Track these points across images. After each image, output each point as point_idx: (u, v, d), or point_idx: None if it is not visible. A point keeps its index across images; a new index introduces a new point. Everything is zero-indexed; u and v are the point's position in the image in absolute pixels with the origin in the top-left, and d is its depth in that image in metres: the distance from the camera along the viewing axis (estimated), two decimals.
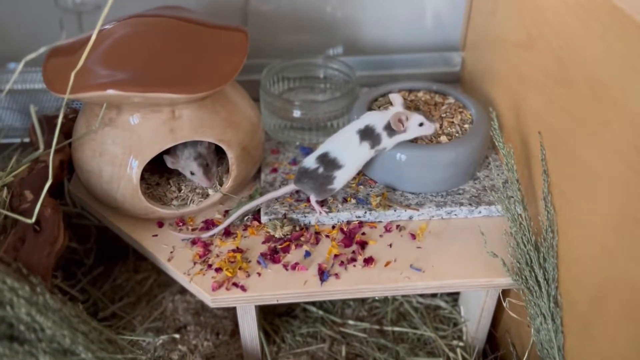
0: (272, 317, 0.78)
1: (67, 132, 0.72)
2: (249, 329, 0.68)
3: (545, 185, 0.61)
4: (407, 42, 0.95)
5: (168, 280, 0.83)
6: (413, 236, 0.66)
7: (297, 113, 0.76)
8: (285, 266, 0.62)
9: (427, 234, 0.66)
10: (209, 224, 0.67)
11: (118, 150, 0.62)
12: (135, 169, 0.62)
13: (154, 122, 0.61)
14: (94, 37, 0.51)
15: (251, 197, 0.70)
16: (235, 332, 0.76)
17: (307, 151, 0.76)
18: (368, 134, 0.64)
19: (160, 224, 0.68)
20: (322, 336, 0.76)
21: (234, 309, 0.78)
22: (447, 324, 0.78)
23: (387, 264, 0.63)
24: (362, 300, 0.82)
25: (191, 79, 0.59)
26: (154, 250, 0.65)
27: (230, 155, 0.66)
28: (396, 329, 0.77)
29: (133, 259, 0.87)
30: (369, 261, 0.62)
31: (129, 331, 0.75)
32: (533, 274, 0.60)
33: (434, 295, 0.81)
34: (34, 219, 0.54)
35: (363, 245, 0.65)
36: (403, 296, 0.81)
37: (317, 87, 0.85)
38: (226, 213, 0.69)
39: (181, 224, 0.68)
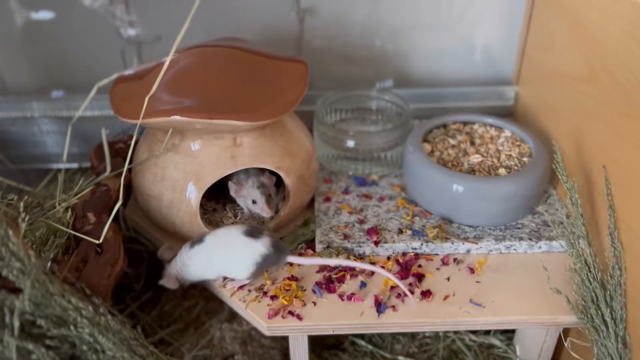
0: (321, 349, 0.77)
1: (125, 157, 0.73)
2: (300, 359, 0.66)
3: (611, 221, 0.59)
4: (457, 76, 0.95)
5: (216, 307, 0.83)
6: (471, 270, 0.64)
7: (350, 143, 0.76)
8: (340, 296, 0.62)
9: (485, 268, 0.65)
10: None
11: (179, 175, 0.63)
12: (195, 194, 0.63)
13: (216, 148, 0.62)
14: (166, 64, 0.52)
15: (303, 226, 0.70)
16: None
17: (361, 181, 0.76)
18: None
19: None
20: None
21: (283, 339, 0.78)
22: None
23: (446, 297, 0.61)
24: (413, 336, 0.79)
25: (254, 108, 0.60)
26: None
27: (288, 183, 0.66)
28: None
29: (182, 286, 0.87)
30: (426, 294, 0.61)
31: (177, 358, 0.75)
32: (599, 313, 0.58)
33: (487, 333, 0.79)
34: (101, 239, 0.55)
35: (420, 277, 0.64)
36: (455, 333, 0.78)
37: (369, 119, 0.85)
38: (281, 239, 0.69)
39: None
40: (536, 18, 0.81)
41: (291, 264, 0.66)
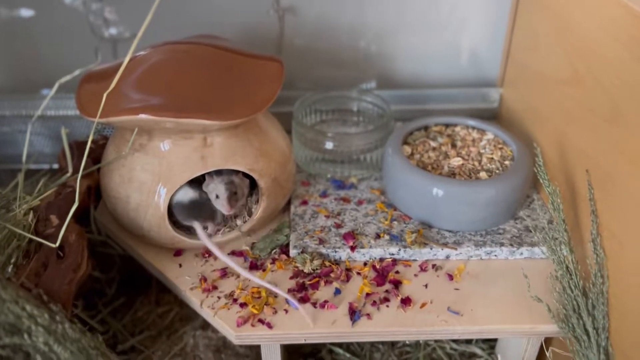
0: (297, 357, 0.74)
1: (97, 158, 0.71)
2: None
3: (594, 227, 0.57)
4: (441, 78, 0.93)
5: (190, 314, 0.80)
6: (450, 277, 0.62)
7: (329, 145, 0.74)
8: (314, 304, 0.59)
9: (465, 275, 0.63)
10: (238, 255, 0.65)
11: (147, 177, 0.60)
12: (163, 196, 0.60)
13: (185, 149, 0.60)
14: (126, 60, 0.50)
15: (278, 230, 0.67)
16: None
17: (339, 184, 0.74)
18: None
19: (179, 253, 0.66)
20: None
21: (258, 347, 0.75)
22: None
23: (423, 305, 0.59)
24: (392, 344, 0.77)
25: (225, 106, 0.58)
26: (177, 281, 0.62)
27: (261, 185, 0.64)
28: None
29: (155, 291, 0.84)
30: (405, 302, 0.59)
31: None
32: (581, 322, 0.56)
33: (468, 342, 0.77)
34: (57, 243, 0.53)
35: (397, 284, 0.61)
36: (436, 341, 0.76)
37: (349, 120, 0.83)
38: (253, 245, 0.66)
39: (207, 255, 0.65)
40: (521, 19, 0.79)
41: (264, 270, 0.63)
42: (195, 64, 0.62)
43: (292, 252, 0.64)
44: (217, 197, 0.62)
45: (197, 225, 0.62)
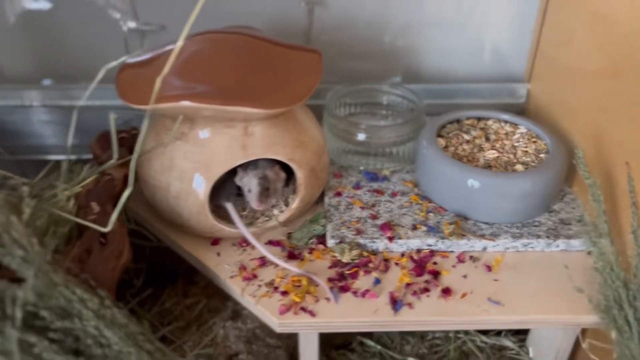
0: (329, 349, 0.75)
1: (130, 147, 0.71)
2: (310, 358, 0.64)
3: (634, 219, 0.57)
4: (466, 72, 0.93)
5: (218, 305, 0.80)
6: (488, 268, 0.62)
7: (361, 136, 0.74)
8: (354, 293, 0.59)
9: (502, 266, 0.63)
10: (275, 245, 0.65)
11: (188, 165, 0.60)
12: (204, 185, 0.60)
13: (227, 137, 0.60)
14: (177, 48, 0.50)
15: (314, 221, 0.67)
16: None
17: (372, 176, 0.74)
18: None
19: (216, 242, 0.66)
20: None
21: (288, 338, 0.75)
22: None
23: (463, 295, 0.59)
24: (422, 337, 0.77)
25: (268, 95, 0.58)
26: (217, 269, 0.62)
27: (299, 175, 0.64)
28: None
29: (182, 283, 0.84)
30: (445, 292, 0.59)
31: (179, 356, 0.72)
32: (622, 313, 0.56)
33: (498, 334, 0.77)
34: (109, 228, 0.53)
35: (436, 275, 0.61)
36: (466, 334, 0.76)
37: (378, 114, 0.83)
38: (289, 235, 0.66)
39: (244, 244, 0.65)
40: (552, 14, 0.79)
41: (302, 259, 0.63)
42: (236, 53, 0.62)
43: (330, 242, 0.64)
44: (249, 191, 0.62)
45: (230, 207, 0.63)
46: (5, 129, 0.88)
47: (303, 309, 0.57)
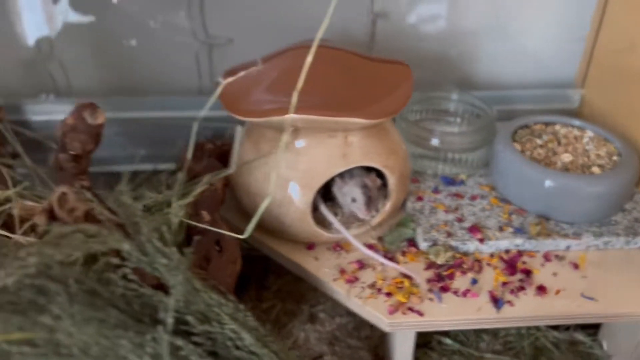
0: None
1: (218, 158, 0.73)
2: (404, 357, 0.67)
3: None
4: (515, 79, 0.97)
5: (293, 309, 0.83)
6: (575, 266, 0.66)
7: (435, 142, 0.77)
8: (454, 293, 0.62)
9: (588, 264, 0.66)
10: (368, 248, 0.68)
11: (292, 174, 0.63)
12: (307, 192, 0.63)
13: (328, 147, 0.63)
14: (307, 64, 0.53)
15: (402, 224, 0.70)
16: None
17: (449, 181, 0.77)
18: None
19: (312, 247, 0.68)
20: None
21: (370, 339, 0.78)
22: (589, 359, 0.76)
23: (557, 292, 0.62)
24: (495, 334, 0.80)
25: (370, 107, 0.61)
26: (319, 273, 0.65)
27: (391, 181, 0.67)
28: None
29: (255, 288, 0.87)
30: (540, 289, 0.62)
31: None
32: None
33: (567, 329, 0.80)
34: (246, 235, 0.55)
35: (528, 273, 0.65)
36: (538, 330, 0.80)
37: (444, 120, 0.86)
38: (380, 239, 0.69)
39: (339, 248, 0.68)
40: (610, 22, 0.83)
41: (397, 262, 0.66)
42: (334, 66, 0.64)
43: (423, 244, 0.67)
44: (353, 200, 0.65)
45: (330, 216, 0.65)
46: None
47: (410, 309, 0.60)
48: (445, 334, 0.80)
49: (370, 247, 0.68)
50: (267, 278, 0.88)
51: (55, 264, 0.45)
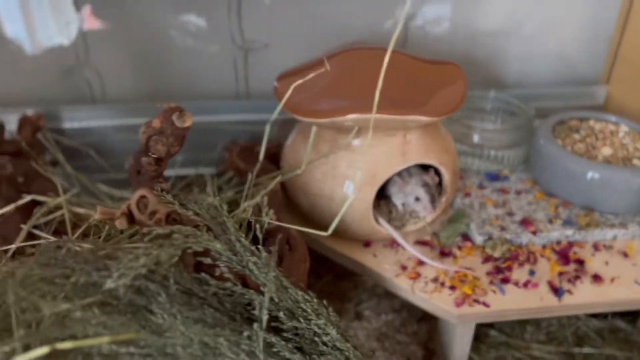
0: None
1: (268, 159, 0.74)
2: (462, 349, 0.68)
3: None
4: (540, 77, 1.00)
5: (339, 308, 0.84)
6: (624, 254, 0.68)
7: (476, 138, 0.79)
8: (516, 284, 0.64)
9: (636, 252, 0.69)
10: (423, 244, 0.69)
11: (353, 173, 0.64)
12: (369, 191, 0.64)
13: (388, 145, 0.64)
14: (384, 65, 0.54)
15: (455, 220, 0.72)
16: (426, 356, 0.77)
17: (492, 176, 0.79)
18: None
19: (368, 244, 0.70)
20: (512, 359, 0.77)
21: (416, 334, 0.79)
22: (631, 344, 0.79)
23: (612, 280, 0.65)
24: (537, 325, 0.83)
25: (431, 105, 0.62)
26: (380, 270, 0.66)
27: (446, 177, 0.68)
28: (585, 350, 0.78)
29: None
30: (596, 278, 0.65)
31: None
32: None
33: (605, 317, 0.83)
34: (329, 232, 0.56)
35: (581, 263, 0.67)
36: (578, 319, 0.82)
37: (480, 118, 0.88)
38: (434, 235, 0.71)
39: (395, 245, 0.70)
40: (635, 22, 0.86)
41: (455, 257, 0.68)
42: (389, 67, 0.66)
43: (478, 239, 0.69)
44: (416, 199, 0.66)
45: (381, 220, 0.67)
46: (112, 148, 0.90)
47: (476, 301, 0.62)
48: (490, 325, 0.82)
49: (425, 243, 0.70)
50: (307, 279, 0.89)
51: (155, 265, 0.46)
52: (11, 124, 0.81)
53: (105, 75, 0.89)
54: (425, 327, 0.81)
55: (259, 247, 0.52)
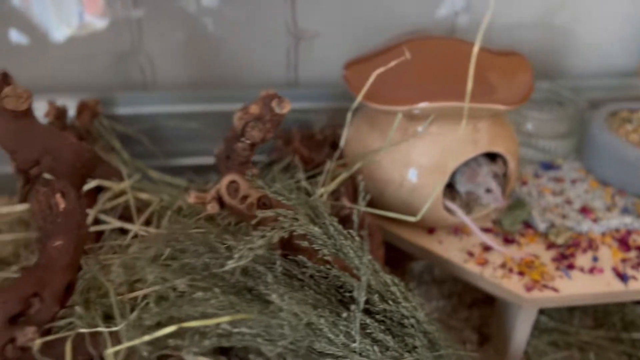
0: None
1: (331, 146, 0.76)
2: (523, 335, 0.70)
3: None
4: (577, 69, 1.01)
5: None
6: None
7: (529, 127, 0.80)
8: (581, 270, 0.66)
9: None
10: (487, 231, 0.71)
11: (424, 161, 0.66)
12: (440, 179, 0.65)
13: (459, 133, 0.65)
14: (474, 53, 0.55)
15: (516, 207, 0.73)
16: (481, 341, 0.79)
17: (547, 165, 0.81)
18: None
19: (432, 231, 0.71)
20: (563, 344, 0.79)
21: (468, 320, 0.81)
22: None
23: None
24: (584, 311, 0.85)
25: (504, 94, 0.64)
26: (450, 256, 0.68)
27: (511, 166, 0.70)
28: (633, 335, 0.80)
29: None
30: None
31: None
32: None
33: None
34: (418, 218, 0.58)
35: None
36: (623, 305, 0.84)
37: (528, 107, 0.89)
38: (496, 222, 0.72)
39: (459, 232, 0.71)
40: None
41: (519, 244, 0.69)
42: (457, 56, 0.67)
43: (541, 226, 0.71)
44: (487, 190, 0.67)
45: (452, 205, 0.68)
46: (162, 135, 0.91)
47: (545, 286, 0.64)
48: (540, 312, 0.84)
49: (487, 230, 0.71)
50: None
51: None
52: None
53: (157, 61, 0.90)
54: (477, 313, 0.83)
55: (351, 231, 0.53)
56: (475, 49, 0.55)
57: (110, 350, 0.40)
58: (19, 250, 0.77)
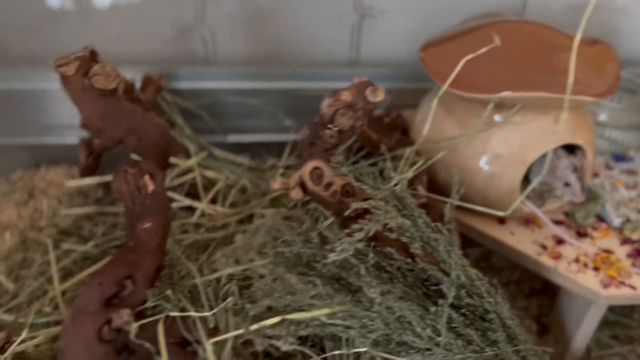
0: None
1: (401, 132, 0.74)
2: (589, 329, 0.69)
3: None
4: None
5: None
6: None
7: (602, 117, 0.78)
8: None
9: None
10: (559, 224, 0.69)
11: (504, 150, 0.64)
12: (519, 169, 0.64)
13: (540, 124, 0.64)
14: (575, 45, 0.53)
15: (590, 200, 0.72)
16: (541, 331, 0.78)
17: (619, 157, 0.78)
18: None
19: (503, 222, 0.70)
20: (625, 338, 0.78)
21: (527, 309, 0.81)
22: None
23: None
24: (632, 307, 0.84)
25: (591, 85, 0.61)
26: (521, 248, 0.67)
27: (589, 158, 0.68)
28: None
29: None
30: None
31: None
32: None
33: None
34: (508, 212, 0.57)
35: None
36: None
37: None
38: (566, 215, 0.71)
39: (531, 223, 0.70)
40: None
41: (592, 238, 0.68)
42: (543, 44, 0.65)
43: (616, 220, 0.69)
44: (566, 184, 0.65)
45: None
46: (222, 111, 0.90)
47: (622, 283, 0.62)
48: None
49: (560, 223, 0.70)
50: None
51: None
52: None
53: (219, 35, 0.88)
54: (535, 302, 0.82)
55: (439, 224, 0.52)
56: (577, 40, 0.53)
57: (211, 340, 0.40)
58: (81, 222, 0.78)
